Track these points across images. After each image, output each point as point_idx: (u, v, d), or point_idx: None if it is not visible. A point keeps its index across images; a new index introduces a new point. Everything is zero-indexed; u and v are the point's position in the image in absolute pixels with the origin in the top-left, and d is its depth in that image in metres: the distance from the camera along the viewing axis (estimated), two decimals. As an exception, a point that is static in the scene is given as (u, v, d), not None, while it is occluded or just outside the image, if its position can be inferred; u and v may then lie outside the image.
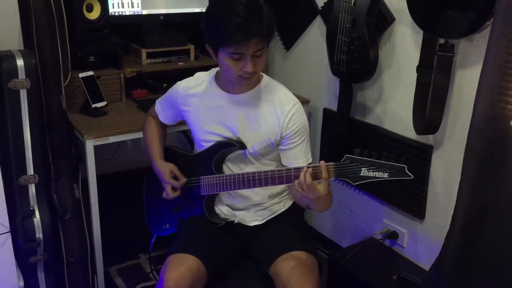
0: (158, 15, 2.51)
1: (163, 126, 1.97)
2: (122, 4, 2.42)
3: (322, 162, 1.52)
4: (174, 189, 1.82)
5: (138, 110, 2.32)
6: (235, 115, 1.74)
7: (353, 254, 2.15)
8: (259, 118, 1.72)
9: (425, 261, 2.15)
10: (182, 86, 1.82)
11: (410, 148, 2.10)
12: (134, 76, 2.41)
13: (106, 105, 2.28)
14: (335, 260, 2.18)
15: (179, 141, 2.72)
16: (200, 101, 1.78)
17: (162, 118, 1.93)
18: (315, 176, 1.52)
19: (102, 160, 2.50)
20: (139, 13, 2.48)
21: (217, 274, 1.73)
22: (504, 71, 1.48)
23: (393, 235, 2.26)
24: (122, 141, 2.58)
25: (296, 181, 1.55)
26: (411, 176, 1.45)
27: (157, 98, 1.97)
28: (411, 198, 2.15)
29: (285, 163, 1.75)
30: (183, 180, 1.81)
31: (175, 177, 1.82)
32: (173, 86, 1.86)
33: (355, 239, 2.40)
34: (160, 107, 1.92)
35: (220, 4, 1.58)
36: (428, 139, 2.06)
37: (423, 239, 2.16)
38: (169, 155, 1.91)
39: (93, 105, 2.24)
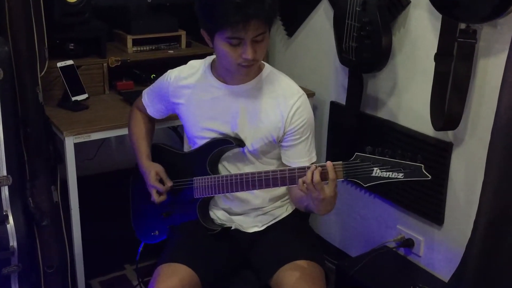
0: (145, -3, 2.51)
1: (150, 121, 1.96)
2: (105, -15, 2.44)
3: (329, 162, 1.53)
4: (159, 193, 1.82)
5: (123, 103, 2.32)
6: (233, 109, 1.74)
7: (364, 264, 2.16)
8: (260, 112, 1.72)
9: (444, 272, 2.15)
10: (174, 75, 1.82)
11: (428, 145, 2.10)
12: (119, 65, 2.40)
13: (87, 98, 2.28)
14: (343, 270, 2.18)
15: (169, 138, 2.72)
16: (193, 93, 1.78)
17: (150, 111, 1.92)
18: (321, 177, 1.53)
19: (83, 159, 2.51)
20: (124, -5, 2.49)
21: (212, 286, 1.73)
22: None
23: (408, 243, 2.27)
24: (106, 138, 2.59)
25: (300, 180, 1.54)
26: (428, 177, 1.45)
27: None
28: (428, 202, 2.15)
29: (286, 162, 1.75)
30: (168, 184, 1.81)
31: (161, 180, 1.82)
32: (163, 75, 1.86)
33: (365, 248, 2.40)
34: (148, 99, 1.92)
35: (215, -17, 1.59)
36: (448, 135, 2.06)
37: (442, 247, 2.17)
38: (157, 153, 1.90)
39: (73, 98, 2.24)
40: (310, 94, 2.52)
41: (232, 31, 1.54)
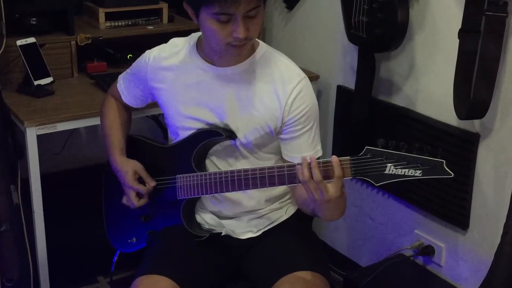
0: (120, -36, 2.51)
1: (127, 110, 1.97)
2: (73, -51, 2.42)
3: (334, 157, 1.52)
4: (139, 195, 1.82)
5: (94, 88, 2.32)
6: (222, 95, 1.73)
7: (376, 275, 2.16)
8: (254, 99, 1.72)
9: (469, 283, 2.16)
10: (153, 56, 1.81)
11: (450, 137, 2.10)
12: (89, 44, 2.40)
13: (52, 82, 2.28)
14: (352, 283, 2.18)
15: (149, 129, 2.72)
16: (176, 76, 1.78)
17: (127, 98, 1.92)
18: (325, 174, 1.53)
19: (48, 154, 2.50)
20: (95, -39, 2.48)
21: (198, 302, 1.74)
22: None
23: (427, 251, 2.27)
24: (74, 129, 2.59)
25: (300, 175, 1.53)
26: (451, 174, 1.45)
27: (120, 73, 1.96)
28: (451, 203, 2.15)
29: (287, 157, 1.75)
30: (151, 184, 1.81)
31: (141, 180, 1.81)
32: (141, 56, 1.86)
33: (378, 256, 2.40)
34: (124, 84, 1.91)
35: None
36: (474, 125, 2.06)
37: (467, 255, 2.17)
38: (134, 147, 1.91)
39: (36, 82, 2.23)
40: (313, 78, 2.52)
41: (220, 6, 1.53)
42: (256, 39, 1.73)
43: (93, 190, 2.10)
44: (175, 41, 1.82)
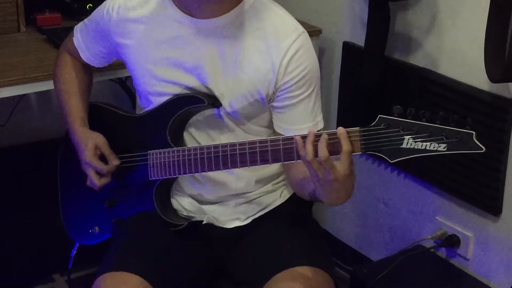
0: None
1: (86, 70, 1.96)
2: None
3: (341, 128, 1.51)
4: (100, 174, 1.82)
5: (46, 45, 2.31)
6: (203, 53, 1.73)
7: (389, 271, 2.17)
8: (242, 58, 1.71)
9: (501, 280, 2.18)
10: (118, 5, 1.80)
11: (481, 104, 2.10)
12: (39, -10, 2.39)
13: (-6, 37, 2.27)
14: (361, 280, 2.19)
15: (112, 96, 2.71)
16: (147, 30, 1.77)
17: (86, 56, 1.92)
18: (330, 149, 1.52)
19: (-10, 126, 2.49)
20: None
21: (175, 304, 1.74)
22: None
23: (451, 241, 2.28)
24: (23, 96, 2.58)
25: (301, 151, 1.52)
26: (482, 149, 1.44)
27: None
28: (480, 184, 2.15)
29: (280, 129, 1.75)
30: (114, 162, 1.82)
31: (103, 156, 1.82)
32: (103, 4, 1.85)
33: (392, 249, 2.41)
34: (82, 38, 1.91)
35: None
36: (509, 89, 2.06)
37: (498, 247, 2.19)
38: (96, 117, 1.91)
39: (-26, 38, 2.22)
40: (314, 33, 2.51)
41: None
42: (244, -15, 1.72)
43: (46, 169, 2.09)
44: (145, -13, 1.81)
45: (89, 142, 1.82)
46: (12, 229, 2.27)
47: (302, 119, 1.73)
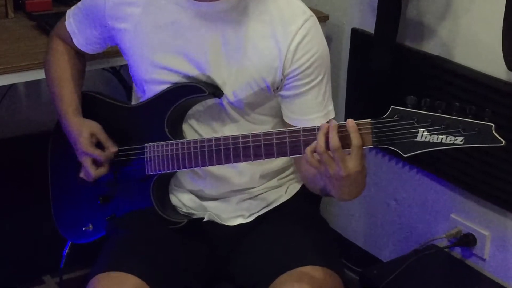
0: None
1: (79, 57, 1.96)
2: None
3: (350, 120, 1.51)
4: (97, 163, 1.82)
5: (36, 32, 2.30)
6: (204, 39, 1.72)
7: (401, 271, 2.18)
8: (246, 44, 1.71)
9: (520, 283, 2.20)
10: (113, -13, 1.83)
11: (499, 94, 2.09)
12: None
13: (-19, 24, 2.29)
14: (371, 281, 2.20)
15: (106, 86, 2.71)
16: (144, 14, 1.76)
17: (79, 41, 1.91)
18: (341, 142, 1.52)
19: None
20: None
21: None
22: None
23: (467, 240, 2.28)
24: (11, 86, 2.57)
25: (308, 148, 1.54)
26: (501, 142, 1.43)
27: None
28: (498, 179, 2.14)
29: (289, 120, 1.75)
30: (112, 150, 1.82)
31: (99, 145, 1.81)
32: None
33: (403, 248, 2.42)
34: (75, 22, 1.90)
35: None
36: (529, 79, 2.07)
37: (517, 247, 2.20)
38: (88, 108, 1.91)
39: (-40, 25, 2.23)
40: (320, 18, 2.48)
41: None
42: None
43: (36, 164, 2.08)
44: (142, -32, 1.83)
45: (84, 130, 1.83)
46: (4, 229, 2.30)
47: (312, 108, 1.73)
